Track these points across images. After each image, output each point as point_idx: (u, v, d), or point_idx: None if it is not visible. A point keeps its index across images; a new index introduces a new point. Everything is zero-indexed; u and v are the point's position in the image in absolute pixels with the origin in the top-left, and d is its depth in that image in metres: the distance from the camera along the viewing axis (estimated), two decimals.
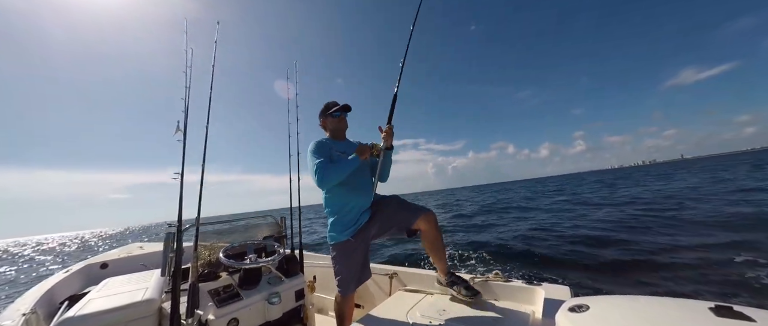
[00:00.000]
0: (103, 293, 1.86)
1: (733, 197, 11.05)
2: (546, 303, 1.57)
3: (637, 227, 7.91)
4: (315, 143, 1.96)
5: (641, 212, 10.27)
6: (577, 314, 1.07)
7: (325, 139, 2.07)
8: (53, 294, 2.42)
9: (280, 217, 2.55)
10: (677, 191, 15.54)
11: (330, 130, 2.11)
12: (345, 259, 1.87)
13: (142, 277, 2.13)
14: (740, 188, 13.34)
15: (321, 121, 2.14)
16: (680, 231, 7.06)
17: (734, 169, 29.07)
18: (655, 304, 1.08)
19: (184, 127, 1.84)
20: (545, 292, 1.69)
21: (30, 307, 2.02)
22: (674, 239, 6.42)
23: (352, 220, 1.88)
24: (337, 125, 2.08)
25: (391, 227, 1.95)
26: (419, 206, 1.95)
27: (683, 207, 10.16)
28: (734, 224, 7.04)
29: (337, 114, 2.05)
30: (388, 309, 1.83)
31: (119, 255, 3.39)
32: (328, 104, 2.10)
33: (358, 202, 1.91)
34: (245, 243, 2.12)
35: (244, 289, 1.84)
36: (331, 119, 2.07)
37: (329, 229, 1.92)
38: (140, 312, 1.71)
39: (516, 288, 1.85)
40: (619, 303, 1.12)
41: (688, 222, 7.87)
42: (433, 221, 1.90)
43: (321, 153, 1.88)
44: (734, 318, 0.85)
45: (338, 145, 2.02)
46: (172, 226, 1.70)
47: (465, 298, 1.81)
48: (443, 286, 1.95)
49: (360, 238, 1.88)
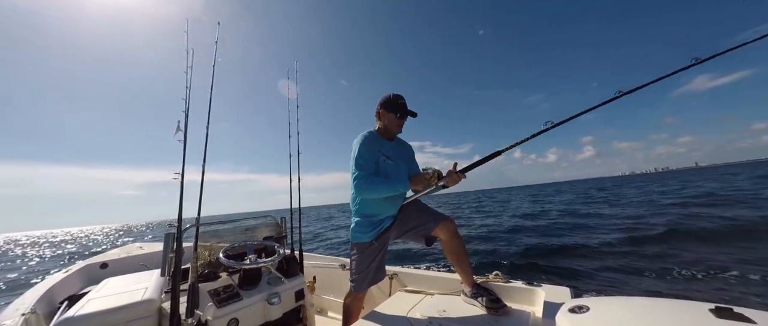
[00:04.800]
0: (103, 293, 1.86)
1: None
2: (546, 304, 1.56)
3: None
4: (364, 138, 1.84)
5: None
6: (577, 315, 1.07)
7: (376, 134, 1.93)
8: (53, 293, 2.42)
9: (281, 218, 2.55)
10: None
11: (384, 125, 1.94)
12: (364, 259, 1.87)
13: (142, 277, 2.13)
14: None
15: (378, 110, 1.93)
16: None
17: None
18: (655, 305, 1.08)
19: (184, 127, 1.85)
20: (545, 293, 1.69)
21: (29, 307, 2.02)
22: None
23: (376, 223, 1.87)
24: (394, 125, 1.93)
25: (409, 231, 1.92)
26: (438, 212, 1.89)
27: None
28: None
29: (399, 116, 1.89)
30: (388, 310, 1.82)
31: (119, 255, 3.38)
32: (397, 98, 1.89)
33: (388, 210, 1.89)
34: (245, 244, 2.12)
35: (244, 289, 1.83)
36: (391, 116, 1.89)
37: (353, 227, 1.90)
38: (140, 312, 1.70)
39: (516, 289, 1.85)
40: (619, 304, 1.12)
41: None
42: (452, 229, 1.83)
43: (368, 157, 1.79)
44: (734, 319, 0.85)
45: (387, 146, 1.92)
46: (172, 226, 1.70)
47: (490, 311, 1.66)
48: (468, 297, 1.80)
49: (381, 241, 1.87)
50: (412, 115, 1.94)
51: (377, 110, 1.95)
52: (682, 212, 10.39)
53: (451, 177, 1.69)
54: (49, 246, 26.38)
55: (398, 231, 1.94)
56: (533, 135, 1.75)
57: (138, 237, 31.33)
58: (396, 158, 1.95)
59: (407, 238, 1.97)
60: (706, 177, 41.91)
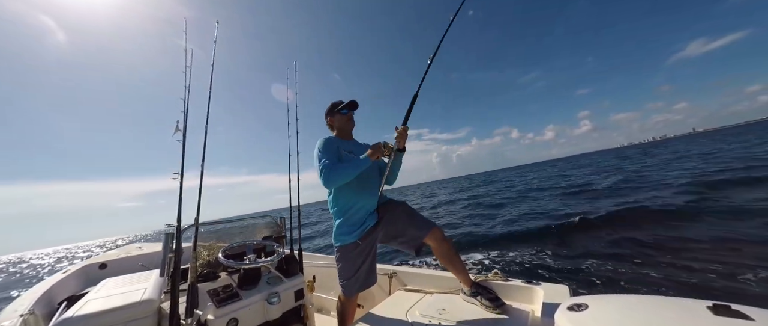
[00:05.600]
0: (102, 293, 1.85)
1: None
2: (545, 303, 1.57)
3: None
4: (323, 141, 1.90)
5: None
6: (576, 313, 1.08)
7: (333, 137, 2.03)
8: (52, 294, 2.41)
9: (280, 217, 2.55)
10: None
11: (337, 128, 2.06)
12: (350, 262, 1.83)
13: (141, 277, 2.12)
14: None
15: (327, 120, 2.09)
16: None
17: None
18: (653, 303, 1.08)
19: (183, 127, 1.84)
20: (544, 292, 1.70)
21: (28, 308, 2.01)
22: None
23: (358, 222, 1.83)
24: (344, 123, 2.03)
25: (398, 237, 1.90)
26: (426, 219, 1.90)
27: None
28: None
29: (344, 112, 2.01)
30: (387, 309, 1.83)
31: (118, 255, 3.38)
32: (335, 102, 2.06)
33: (365, 203, 1.86)
34: (244, 243, 2.11)
35: (244, 289, 1.83)
36: (338, 117, 2.03)
37: (335, 230, 1.87)
38: (139, 312, 1.70)
39: (515, 288, 1.86)
40: (617, 302, 1.13)
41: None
42: (439, 236, 1.84)
43: (329, 151, 1.83)
44: (732, 316, 0.86)
45: (346, 144, 1.98)
46: (171, 226, 1.69)
47: (489, 309, 1.68)
48: (467, 296, 1.83)
49: (367, 241, 1.83)
50: (354, 105, 2.05)
51: (326, 120, 2.10)
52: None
53: (395, 135, 1.80)
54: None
55: (386, 234, 1.90)
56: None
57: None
58: (358, 153, 1.93)
59: (397, 245, 1.94)
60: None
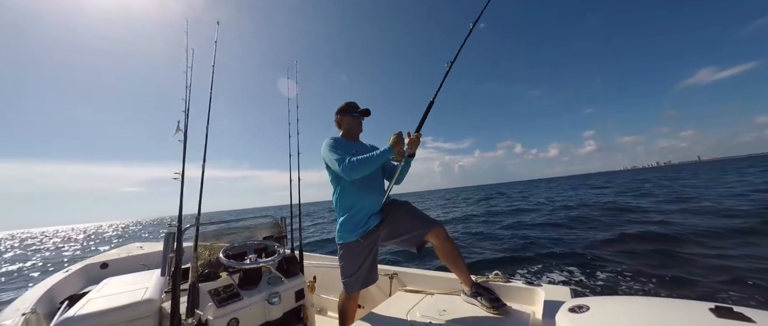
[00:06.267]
0: (103, 293, 1.86)
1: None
2: (546, 304, 1.56)
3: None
4: (334, 140, 1.96)
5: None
6: (578, 314, 1.07)
7: (341, 137, 2.07)
8: (53, 293, 2.42)
9: (281, 217, 2.55)
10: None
11: (345, 129, 2.10)
12: (352, 260, 1.86)
13: (142, 277, 2.13)
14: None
15: (337, 118, 2.11)
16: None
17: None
18: (655, 305, 1.08)
19: (184, 127, 1.84)
20: (545, 293, 1.69)
21: (30, 307, 2.02)
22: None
23: (361, 221, 1.86)
24: (354, 126, 2.08)
25: (400, 236, 1.90)
26: (428, 217, 1.90)
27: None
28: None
29: (356, 115, 2.06)
30: (388, 309, 1.82)
31: (119, 254, 3.39)
32: (350, 103, 2.10)
33: (369, 202, 1.89)
34: (245, 243, 2.12)
35: (244, 289, 1.83)
36: (349, 119, 2.07)
37: (338, 228, 1.91)
38: (140, 311, 1.70)
39: (516, 289, 1.85)
40: (619, 304, 1.12)
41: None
42: (442, 234, 1.84)
43: (344, 147, 1.89)
44: (734, 319, 0.85)
45: (352, 145, 2.01)
46: (172, 226, 1.70)
47: (490, 310, 1.68)
48: (468, 297, 1.83)
49: (369, 240, 1.86)
50: (367, 113, 2.10)
51: (335, 118, 2.12)
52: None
53: (406, 141, 1.82)
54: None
55: (388, 233, 1.91)
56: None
57: (135, 237, 31.26)
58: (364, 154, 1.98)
59: (399, 244, 1.95)
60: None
